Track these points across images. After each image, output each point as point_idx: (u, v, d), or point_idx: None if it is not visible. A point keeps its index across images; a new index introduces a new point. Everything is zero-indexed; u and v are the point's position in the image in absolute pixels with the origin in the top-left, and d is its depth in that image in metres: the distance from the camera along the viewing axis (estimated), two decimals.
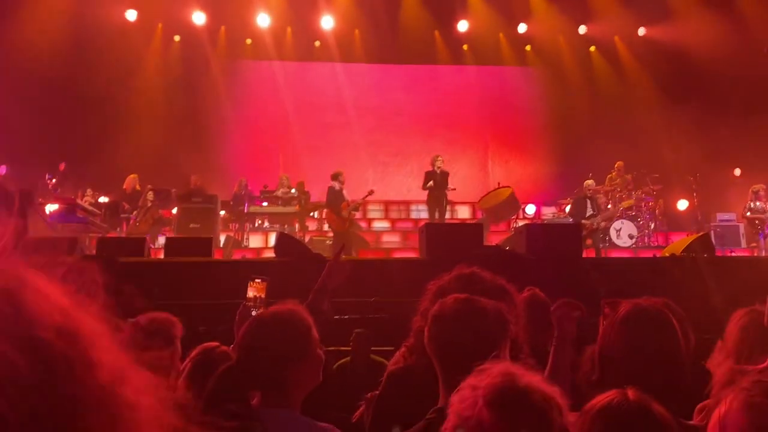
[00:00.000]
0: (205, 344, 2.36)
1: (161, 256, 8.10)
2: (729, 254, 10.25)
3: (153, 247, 9.96)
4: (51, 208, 9.13)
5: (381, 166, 15.23)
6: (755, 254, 10.82)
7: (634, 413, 1.31)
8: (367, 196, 10.90)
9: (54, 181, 10.67)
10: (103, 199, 11.43)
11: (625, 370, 1.75)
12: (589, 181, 11.15)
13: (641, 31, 15.14)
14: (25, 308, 0.57)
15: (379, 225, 13.97)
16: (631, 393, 1.35)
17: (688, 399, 1.82)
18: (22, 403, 0.52)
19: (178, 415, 0.65)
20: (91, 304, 0.64)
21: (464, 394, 1.23)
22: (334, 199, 10.55)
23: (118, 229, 11.30)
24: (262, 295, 2.69)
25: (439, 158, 11.25)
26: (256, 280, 2.71)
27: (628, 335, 1.82)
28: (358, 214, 11.71)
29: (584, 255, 8.92)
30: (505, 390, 1.20)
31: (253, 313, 2.59)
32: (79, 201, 9.92)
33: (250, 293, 2.70)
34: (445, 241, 6.46)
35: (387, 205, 14.67)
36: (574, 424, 1.32)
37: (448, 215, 12.25)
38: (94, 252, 7.77)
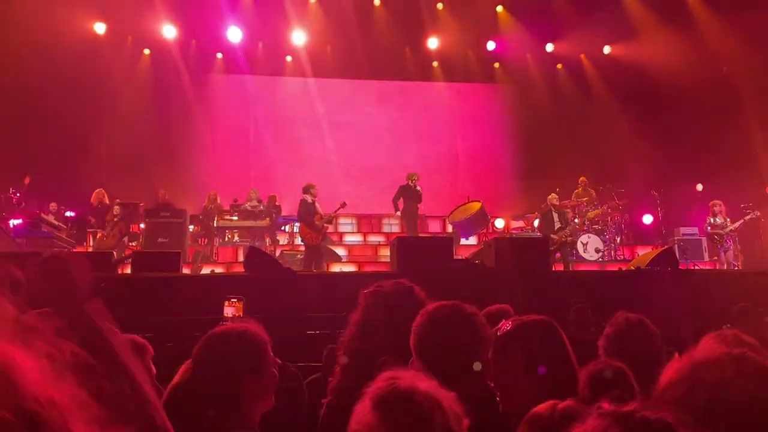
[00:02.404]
0: None
1: (128, 271, 7.97)
2: (692, 267, 10.49)
3: None
4: (15, 222, 8.94)
5: (352, 180, 15.25)
6: (717, 267, 11.10)
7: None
8: (339, 209, 10.90)
9: (18, 195, 10.44)
10: (68, 214, 11.22)
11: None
12: (553, 195, 11.31)
13: (606, 49, 15.52)
14: (17, 381, 0.59)
15: (351, 238, 13.96)
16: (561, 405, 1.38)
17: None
18: None
19: None
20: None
21: (360, 406, 1.26)
22: (307, 212, 10.50)
23: (84, 244, 11.09)
24: (240, 314, 2.66)
25: (415, 175, 11.49)
26: (233, 300, 2.69)
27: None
28: (329, 228, 11.69)
29: (554, 268, 9.08)
30: (388, 392, 1.23)
31: None
32: (44, 215, 9.71)
33: (228, 312, 2.67)
34: (416, 255, 6.51)
35: (359, 218, 14.68)
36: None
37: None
38: None
